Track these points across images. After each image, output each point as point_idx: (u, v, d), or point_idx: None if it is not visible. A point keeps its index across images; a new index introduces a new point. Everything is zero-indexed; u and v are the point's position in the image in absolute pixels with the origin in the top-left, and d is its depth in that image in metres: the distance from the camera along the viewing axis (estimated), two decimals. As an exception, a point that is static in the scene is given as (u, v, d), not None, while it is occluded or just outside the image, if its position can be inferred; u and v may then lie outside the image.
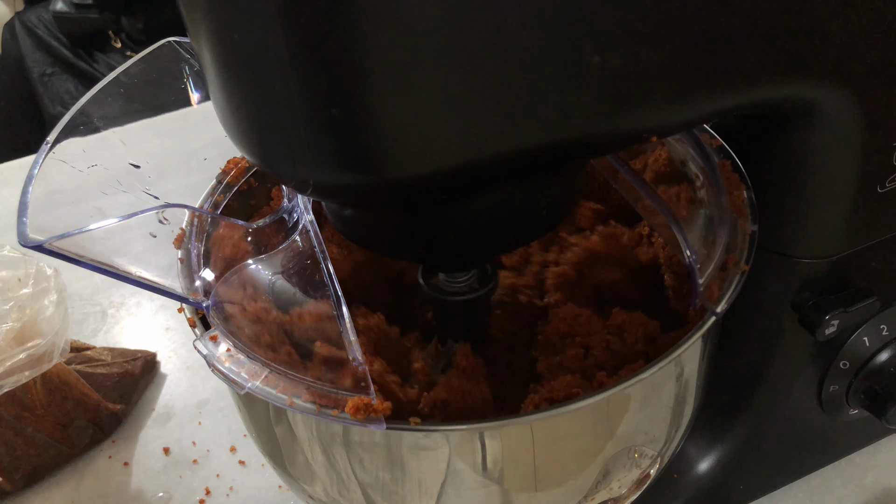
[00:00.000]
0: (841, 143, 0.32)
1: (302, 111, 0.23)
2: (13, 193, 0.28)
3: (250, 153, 0.27)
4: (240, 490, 0.52)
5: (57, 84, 1.73)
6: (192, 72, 0.37)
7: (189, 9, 0.24)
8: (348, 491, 0.32)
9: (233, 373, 0.28)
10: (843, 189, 0.33)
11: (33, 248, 0.26)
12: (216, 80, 0.25)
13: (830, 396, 0.42)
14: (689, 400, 0.34)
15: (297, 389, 0.28)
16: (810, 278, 0.36)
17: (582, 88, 0.24)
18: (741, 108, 0.28)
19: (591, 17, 0.22)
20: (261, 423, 0.34)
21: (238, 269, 0.32)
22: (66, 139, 0.31)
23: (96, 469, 0.55)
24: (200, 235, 0.35)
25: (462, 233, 0.30)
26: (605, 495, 0.33)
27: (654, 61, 0.24)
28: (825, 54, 0.28)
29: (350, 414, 0.27)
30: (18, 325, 0.49)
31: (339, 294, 0.29)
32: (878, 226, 0.36)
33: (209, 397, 0.60)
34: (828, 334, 0.36)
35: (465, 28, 0.21)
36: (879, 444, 0.50)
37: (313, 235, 0.32)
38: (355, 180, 0.25)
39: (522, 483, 0.31)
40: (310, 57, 0.22)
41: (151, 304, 0.70)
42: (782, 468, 0.47)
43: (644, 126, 0.27)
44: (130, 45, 1.77)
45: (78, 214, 0.29)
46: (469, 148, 0.24)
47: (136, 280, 0.29)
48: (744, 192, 0.34)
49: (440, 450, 0.29)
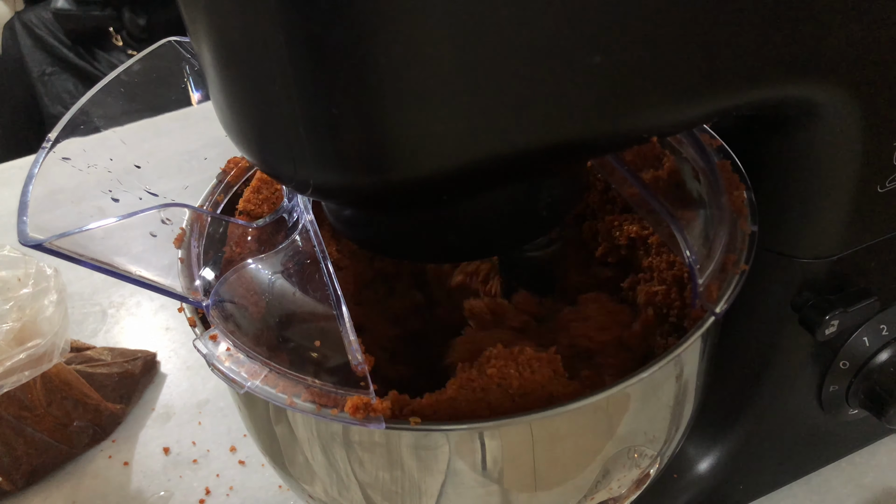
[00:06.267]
0: (841, 143, 0.32)
1: (302, 111, 0.23)
2: (13, 193, 0.28)
3: (250, 153, 0.27)
4: (240, 490, 0.52)
5: (57, 84, 1.73)
6: (192, 71, 0.37)
7: (189, 8, 0.24)
8: (348, 491, 0.32)
9: (232, 372, 0.28)
10: (843, 189, 0.33)
11: (33, 247, 0.26)
12: (216, 80, 0.25)
13: (830, 396, 0.42)
14: (689, 400, 0.34)
15: (297, 389, 0.28)
16: (810, 278, 0.36)
17: (582, 88, 0.24)
18: (741, 108, 0.28)
19: (592, 17, 0.22)
20: (261, 422, 0.34)
21: (238, 268, 0.32)
22: (66, 138, 0.31)
23: (96, 469, 0.55)
24: (200, 235, 0.35)
25: (462, 233, 0.30)
26: (605, 495, 0.33)
27: (655, 61, 0.24)
28: (825, 54, 0.28)
29: (349, 413, 0.27)
30: (18, 325, 0.49)
31: (338, 294, 0.29)
32: (878, 226, 0.36)
33: (209, 397, 0.60)
34: (828, 334, 0.36)
35: (465, 28, 0.21)
36: (879, 444, 0.50)
37: (313, 235, 0.32)
38: (355, 181, 0.25)
39: (522, 483, 0.31)
40: (309, 56, 0.22)
41: (151, 304, 0.70)
42: (782, 468, 0.47)
43: (644, 126, 0.27)
44: (132, 43, 1.77)
45: (78, 214, 0.29)
46: (469, 148, 0.24)
47: (136, 279, 0.29)
48: (744, 192, 0.34)
49: (440, 449, 0.29)
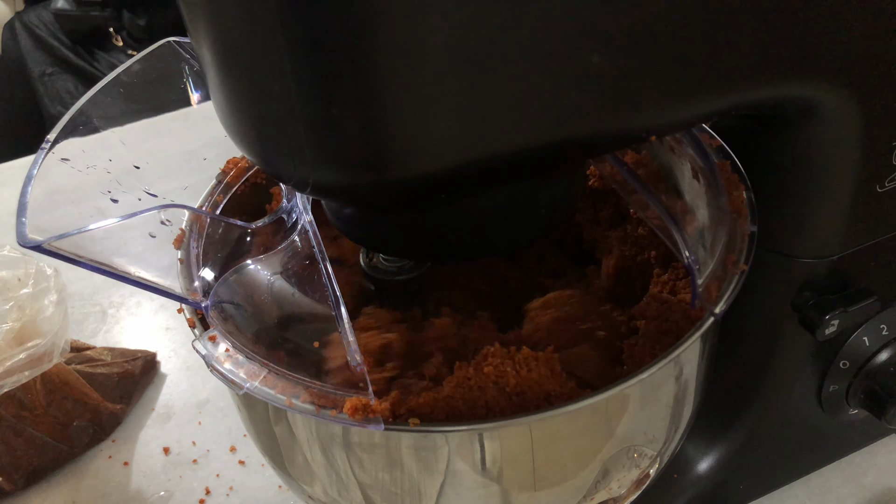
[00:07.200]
0: (841, 143, 0.31)
1: (302, 111, 0.23)
2: (13, 193, 0.28)
3: (250, 153, 0.27)
4: (240, 490, 0.52)
5: (57, 84, 1.73)
6: (192, 72, 0.37)
7: (189, 8, 0.24)
8: (348, 491, 0.32)
9: (231, 373, 0.28)
10: (842, 189, 0.33)
11: (32, 248, 0.26)
12: (216, 80, 0.25)
13: (830, 396, 0.42)
14: (689, 400, 0.34)
15: (296, 390, 0.28)
16: (810, 278, 0.36)
17: (581, 87, 0.24)
18: (741, 107, 0.28)
19: (591, 17, 0.22)
20: (260, 423, 0.34)
21: (237, 269, 0.32)
22: (65, 139, 0.31)
23: (96, 469, 0.55)
24: (200, 236, 0.35)
25: (461, 232, 0.30)
26: (605, 495, 0.33)
27: (654, 61, 0.24)
28: (825, 54, 0.27)
29: (348, 414, 0.27)
30: (18, 325, 0.49)
31: (337, 294, 0.29)
32: (877, 226, 0.36)
33: (209, 397, 0.60)
34: (828, 334, 0.36)
35: (464, 27, 0.21)
36: (879, 444, 0.50)
37: (312, 236, 0.32)
38: (354, 179, 0.25)
39: (522, 483, 0.31)
40: (309, 56, 0.22)
41: (151, 304, 0.70)
42: (782, 468, 0.47)
43: (644, 125, 0.27)
44: (131, 44, 1.77)
45: (77, 214, 0.29)
46: (468, 147, 0.24)
47: (136, 280, 0.29)
48: (743, 193, 0.34)
49: (439, 450, 0.29)
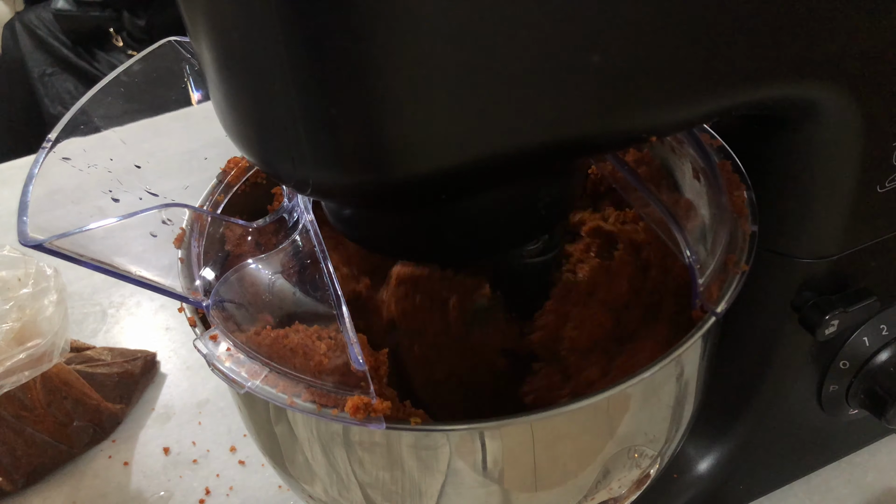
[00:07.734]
0: (841, 144, 0.32)
1: (301, 111, 0.23)
2: (13, 193, 0.28)
3: (250, 153, 0.27)
4: (240, 490, 0.52)
5: (57, 84, 1.73)
6: (192, 71, 0.37)
7: (188, 8, 0.24)
8: (348, 491, 0.32)
9: (233, 372, 0.28)
10: (842, 189, 0.33)
11: (33, 247, 0.26)
12: (216, 80, 0.25)
13: (830, 396, 0.42)
14: (689, 400, 0.34)
15: (297, 389, 0.28)
16: (810, 278, 0.36)
17: (581, 87, 0.24)
18: (741, 107, 0.28)
19: (591, 17, 0.22)
20: (261, 422, 0.34)
21: (238, 268, 0.32)
22: (66, 139, 0.31)
23: (96, 469, 0.55)
24: (200, 235, 0.35)
25: (461, 232, 0.30)
26: (605, 495, 0.33)
27: (654, 61, 0.24)
28: (825, 54, 0.28)
29: (350, 413, 0.27)
30: (18, 325, 0.49)
31: (339, 294, 0.29)
32: (878, 226, 0.36)
33: (209, 397, 0.60)
34: (828, 334, 0.36)
35: (463, 27, 0.21)
36: (879, 444, 0.50)
37: (313, 235, 0.32)
38: (354, 179, 0.25)
39: (522, 483, 0.31)
40: (308, 56, 0.22)
41: (151, 304, 0.70)
42: (782, 468, 0.47)
43: (644, 125, 0.27)
44: (131, 44, 1.77)
45: (78, 214, 0.29)
46: (469, 147, 0.24)
47: (136, 280, 0.29)
48: (744, 193, 0.34)
49: (440, 449, 0.29)
